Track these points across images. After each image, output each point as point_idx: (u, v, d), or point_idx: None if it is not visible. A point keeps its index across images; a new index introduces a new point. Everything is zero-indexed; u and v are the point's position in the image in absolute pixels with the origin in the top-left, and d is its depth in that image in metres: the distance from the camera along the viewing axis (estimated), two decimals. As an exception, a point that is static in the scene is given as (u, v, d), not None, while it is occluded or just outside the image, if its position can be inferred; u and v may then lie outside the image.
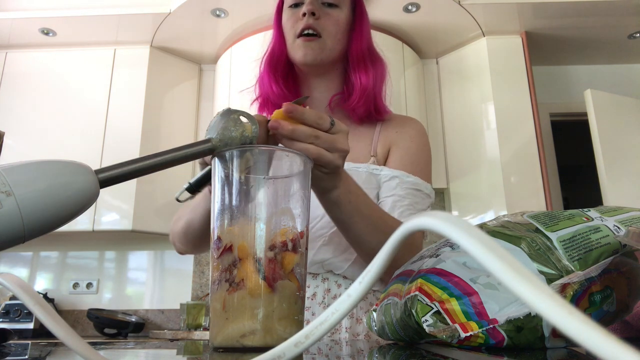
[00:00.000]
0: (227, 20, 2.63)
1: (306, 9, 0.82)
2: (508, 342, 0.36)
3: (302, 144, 0.51)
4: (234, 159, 0.45)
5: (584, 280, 0.36)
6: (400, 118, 0.93)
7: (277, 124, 0.50)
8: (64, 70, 2.77)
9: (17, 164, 0.36)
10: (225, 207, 0.44)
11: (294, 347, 0.27)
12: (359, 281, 0.25)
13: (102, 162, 2.57)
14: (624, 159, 2.64)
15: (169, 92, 2.82)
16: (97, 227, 2.53)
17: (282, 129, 0.50)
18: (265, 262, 0.41)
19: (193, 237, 0.78)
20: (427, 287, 0.39)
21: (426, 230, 0.84)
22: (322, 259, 0.80)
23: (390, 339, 0.46)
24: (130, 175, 0.42)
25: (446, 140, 2.79)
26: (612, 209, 0.44)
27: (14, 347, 0.50)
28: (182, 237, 0.80)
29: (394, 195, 0.80)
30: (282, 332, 0.40)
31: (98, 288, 2.82)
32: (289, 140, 0.51)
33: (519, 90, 2.67)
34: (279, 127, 0.50)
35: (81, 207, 0.38)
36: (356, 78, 0.86)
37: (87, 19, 2.62)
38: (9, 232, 0.34)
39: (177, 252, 0.88)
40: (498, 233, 0.41)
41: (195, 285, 2.81)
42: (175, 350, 0.50)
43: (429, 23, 2.66)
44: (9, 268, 2.88)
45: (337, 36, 0.84)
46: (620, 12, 2.58)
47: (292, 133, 0.50)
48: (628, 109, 2.80)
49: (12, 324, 2.37)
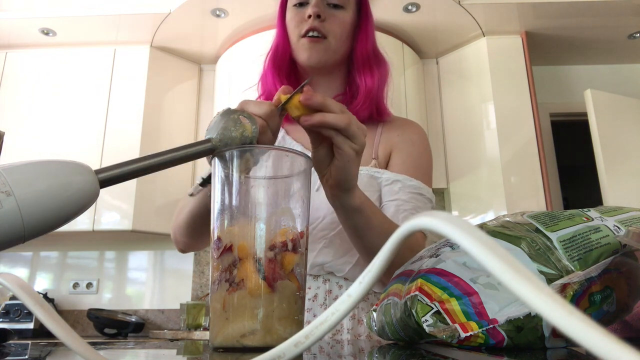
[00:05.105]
0: (227, 20, 2.63)
1: (312, 10, 0.81)
2: (508, 342, 0.36)
3: (331, 114, 0.51)
4: (234, 159, 0.45)
5: (584, 280, 0.36)
6: (402, 121, 0.93)
7: (309, 95, 0.50)
8: (64, 70, 2.77)
9: (17, 164, 0.36)
10: (225, 207, 0.44)
11: (293, 347, 0.27)
12: (359, 281, 0.25)
13: (102, 162, 2.57)
14: (624, 159, 2.64)
15: (169, 92, 2.82)
16: (97, 227, 2.53)
17: (314, 99, 0.50)
18: (265, 262, 0.41)
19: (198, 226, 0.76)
20: (427, 287, 0.39)
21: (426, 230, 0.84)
22: (322, 262, 0.80)
23: (390, 339, 0.46)
24: (130, 175, 0.42)
25: (446, 140, 2.79)
26: (612, 209, 0.44)
27: (14, 347, 0.50)
28: (185, 228, 0.78)
29: (398, 200, 0.80)
30: (282, 332, 0.40)
31: (98, 288, 2.82)
32: (318, 113, 0.51)
33: (519, 90, 2.67)
34: (311, 97, 0.50)
35: (81, 207, 0.38)
36: (361, 80, 0.85)
37: (87, 19, 2.62)
38: (9, 232, 0.34)
39: (178, 249, 0.86)
40: (498, 233, 0.41)
41: (195, 285, 2.81)
42: (175, 350, 0.50)
43: (429, 23, 2.66)
44: (9, 268, 2.88)
45: (341, 38, 0.84)
46: (620, 12, 2.58)
47: (324, 103, 0.51)
48: (628, 109, 2.80)
49: (12, 324, 2.37)
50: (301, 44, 0.83)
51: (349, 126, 0.52)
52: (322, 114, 0.51)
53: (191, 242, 0.82)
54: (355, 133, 0.53)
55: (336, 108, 0.52)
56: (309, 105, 0.51)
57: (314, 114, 0.51)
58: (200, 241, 0.82)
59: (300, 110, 0.52)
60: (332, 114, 0.51)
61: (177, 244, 0.85)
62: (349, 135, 0.53)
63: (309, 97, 0.51)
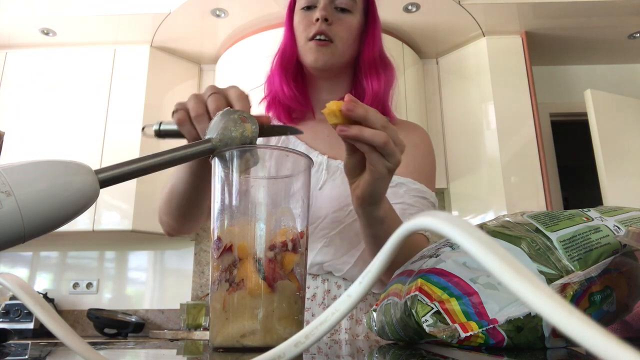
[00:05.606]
0: (227, 20, 2.63)
1: (320, 14, 0.82)
2: (508, 342, 0.36)
3: (368, 131, 0.49)
4: (234, 159, 0.45)
5: (584, 280, 0.36)
6: (405, 124, 0.93)
7: (352, 106, 0.48)
8: (64, 70, 2.77)
9: (17, 164, 0.36)
10: (225, 207, 0.44)
11: (293, 347, 0.27)
12: (359, 281, 0.25)
13: (102, 162, 2.57)
14: (624, 159, 2.64)
15: (169, 92, 2.81)
16: (97, 227, 2.53)
17: (356, 112, 0.48)
18: (265, 262, 0.41)
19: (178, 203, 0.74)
20: (427, 287, 0.39)
21: (426, 230, 0.84)
22: (322, 261, 0.80)
23: (390, 339, 0.46)
24: (130, 175, 0.42)
25: (446, 140, 2.79)
26: (612, 209, 0.44)
27: (14, 347, 0.50)
28: (169, 206, 0.76)
29: (403, 204, 0.79)
30: (282, 332, 0.40)
31: (98, 288, 2.82)
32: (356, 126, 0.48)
33: (519, 90, 2.67)
34: (354, 109, 0.48)
35: (81, 207, 0.38)
36: (368, 84, 0.86)
37: (87, 19, 2.62)
38: (9, 232, 0.34)
39: (164, 232, 0.83)
40: (498, 233, 0.41)
41: (195, 285, 2.81)
42: (175, 350, 0.50)
43: (429, 23, 2.66)
44: (9, 268, 2.88)
45: (348, 42, 0.84)
46: (620, 12, 2.58)
47: (366, 115, 0.48)
48: (628, 109, 2.81)
49: (12, 324, 2.37)
50: (308, 47, 0.83)
51: (385, 145, 0.49)
52: (359, 128, 0.48)
53: (176, 224, 0.80)
54: (392, 151, 0.50)
55: (377, 123, 0.49)
56: (350, 117, 0.48)
57: (352, 125, 0.49)
58: (185, 223, 0.79)
59: (339, 119, 0.49)
60: (369, 130, 0.48)
61: (162, 225, 0.83)
62: (384, 153, 0.50)
63: (351, 108, 0.48)
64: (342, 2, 0.84)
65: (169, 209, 0.77)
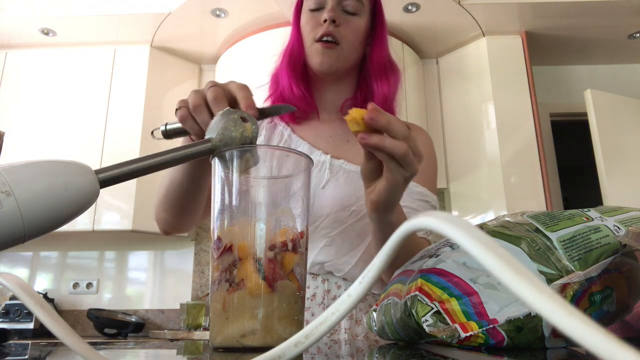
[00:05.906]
0: (227, 20, 2.63)
1: (327, 15, 0.82)
2: (508, 342, 0.36)
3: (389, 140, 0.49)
4: (234, 159, 0.45)
5: (584, 280, 0.36)
6: (408, 126, 0.93)
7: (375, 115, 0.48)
8: (64, 70, 2.77)
9: (17, 164, 0.36)
10: (225, 207, 0.44)
11: (293, 347, 0.27)
12: (359, 281, 0.25)
13: (102, 162, 2.57)
14: (624, 159, 2.64)
15: (169, 92, 2.81)
16: (97, 227, 2.53)
17: (379, 121, 0.48)
18: (265, 262, 0.41)
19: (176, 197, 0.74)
20: (427, 287, 0.39)
21: (426, 230, 0.84)
22: (323, 260, 0.80)
23: (390, 339, 0.46)
24: (130, 175, 0.42)
25: (446, 140, 2.79)
26: (612, 209, 0.44)
27: (14, 347, 0.50)
28: (165, 202, 0.76)
29: (405, 207, 0.79)
30: (282, 332, 0.40)
31: (98, 288, 2.82)
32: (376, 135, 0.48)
33: (519, 90, 2.67)
34: (377, 118, 0.48)
35: (81, 207, 0.38)
36: (377, 87, 0.86)
37: (87, 19, 2.62)
38: (9, 232, 0.34)
39: (161, 229, 0.83)
40: (498, 233, 0.41)
41: (195, 285, 2.81)
42: (175, 350, 0.50)
43: (429, 23, 2.66)
44: (9, 268, 2.88)
45: (354, 44, 0.85)
46: (620, 12, 2.58)
47: (388, 126, 0.48)
48: (628, 109, 2.81)
49: (12, 324, 2.37)
50: (315, 48, 0.83)
51: (405, 156, 0.50)
52: (380, 137, 0.49)
53: (173, 221, 0.79)
54: (410, 162, 0.51)
55: (399, 133, 0.49)
56: (373, 126, 0.48)
57: (373, 134, 0.49)
58: (183, 219, 0.79)
59: (361, 127, 0.48)
60: (390, 140, 0.49)
61: (159, 223, 0.82)
62: (402, 163, 0.51)
63: (374, 117, 0.48)
64: (350, 4, 0.84)
65: (167, 204, 0.76)
